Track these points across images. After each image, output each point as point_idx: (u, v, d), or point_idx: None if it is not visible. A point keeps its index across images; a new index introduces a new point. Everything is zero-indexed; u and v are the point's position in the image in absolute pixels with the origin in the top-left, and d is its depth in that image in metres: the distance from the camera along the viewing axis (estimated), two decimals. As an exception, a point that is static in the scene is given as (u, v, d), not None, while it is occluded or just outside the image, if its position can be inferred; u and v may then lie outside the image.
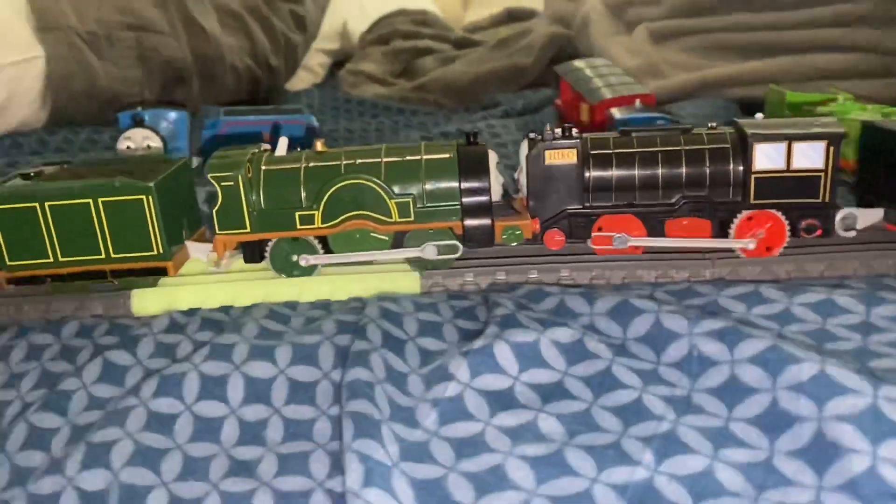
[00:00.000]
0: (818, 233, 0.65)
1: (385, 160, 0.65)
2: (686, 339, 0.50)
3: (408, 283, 0.66)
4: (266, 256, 0.67)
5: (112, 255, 0.66)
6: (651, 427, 0.44)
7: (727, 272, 0.65)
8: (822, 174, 0.63)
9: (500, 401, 0.48)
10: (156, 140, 0.97)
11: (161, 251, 0.66)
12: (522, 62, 1.79)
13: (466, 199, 0.65)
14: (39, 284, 0.68)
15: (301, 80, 2.04)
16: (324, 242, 0.67)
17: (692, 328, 0.50)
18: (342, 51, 2.30)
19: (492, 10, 2.73)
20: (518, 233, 0.66)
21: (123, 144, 0.96)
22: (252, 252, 0.68)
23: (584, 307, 0.56)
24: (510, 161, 1.02)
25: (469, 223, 0.65)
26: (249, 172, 0.65)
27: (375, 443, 0.43)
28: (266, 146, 0.70)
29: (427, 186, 0.65)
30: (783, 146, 0.63)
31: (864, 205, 0.71)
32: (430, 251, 0.65)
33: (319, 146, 0.67)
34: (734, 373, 0.47)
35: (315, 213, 0.65)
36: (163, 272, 0.67)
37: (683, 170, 0.65)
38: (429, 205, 0.65)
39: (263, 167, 0.65)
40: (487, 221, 0.65)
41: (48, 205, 0.64)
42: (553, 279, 0.65)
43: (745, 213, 0.65)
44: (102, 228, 0.64)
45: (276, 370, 0.53)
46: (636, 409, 0.46)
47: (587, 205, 0.66)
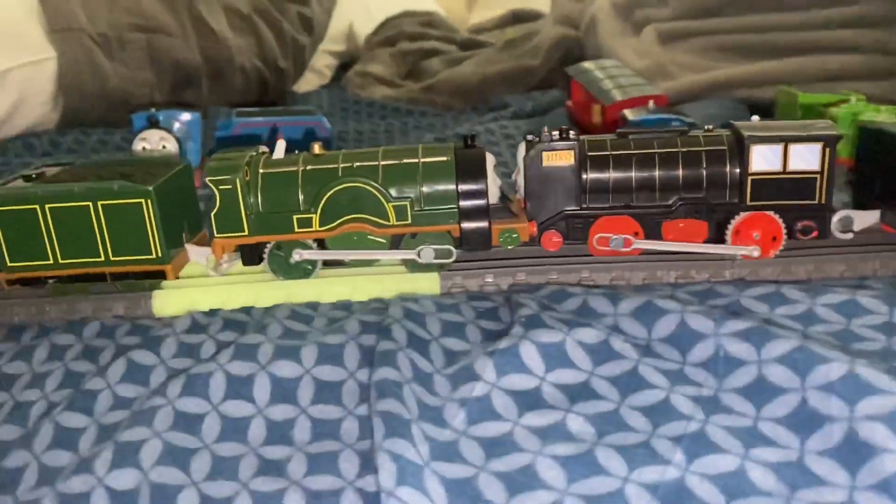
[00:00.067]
0: (814, 234, 0.65)
1: (382, 163, 0.65)
2: (712, 340, 0.50)
3: (428, 284, 0.66)
4: (264, 259, 0.67)
5: (111, 258, 0.66)
6: (680, 427, 0.44)
7: (747, 272, 0.65)
8: (819, 176, 0.63)
9: (528, 401, 0.48)
10: (171, 141, 0.98)
11: (160, 254, 0.66)
12: (530, 63, 1.80)
13: (464, 203, 0.65)
14: (40, 286, 0.68)
15: (308, 82, 2.05)
16: (322, 246, 0.67)
17: (718, 328, 0.50)
18: (348, 52, 2.30)
19: (497, 12, 2.74)
20: (515, 236, 0.66)
21: (139, 145, 0.96)
22: (250, 255, 0.67)
23: (608, 308, 0.57)
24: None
25: (466, 226, 0.65)
26: (247, 176, 0.65)
27: (406, 442, 0.43)
28: (264, 149, 0.70)
29: (424, 189, 0.65)
30: (779, 148, 0.63)
31: (861, 207, 0.71)
32: (427, 255, 0.65)
33: (317, 149, 0.67)
34: (762, 373, 0.47)
35: (313, 217, 0.65)
36: (162, 275, 0.67)
37: (680, 172, 0.65)
38: (426, 208, 0.65)
39: (261, 170, 0.65)
40: (485, 224, 0.65)
41: (48, 207, 0.64)
42: (573, 280, 0.65)
43: (742, 215, 0.65)
44: (102, 231, 0.65)
45: (302, 370, 0.53)
46: (664, 409, 0.46)
47: (584, 206, 0.67)
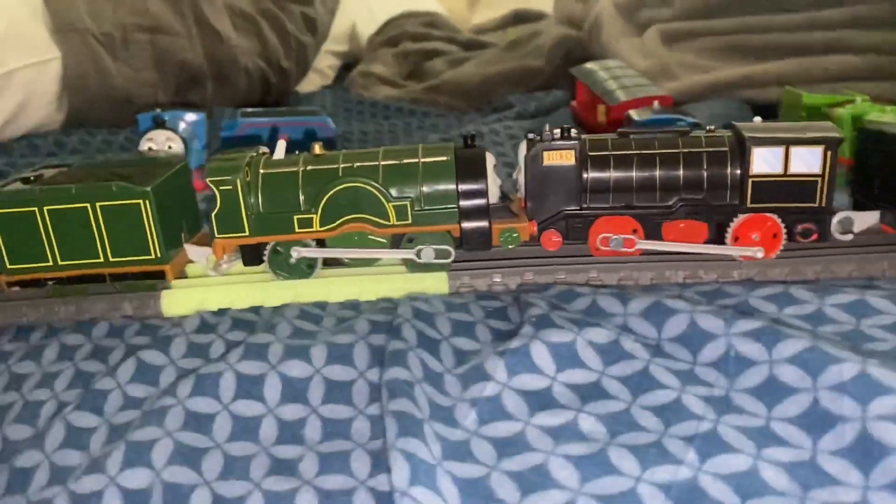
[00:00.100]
0: (814, 237, 0.65)
1: (382, 163, 0.65)
2: (723, 340, 0.50)
3: (436, 284, 0.66)
4: (265, 259, 0.67)
5: (110, 259, 0.66)
6: (692, 426, 0.45)
7: (755, 273, 0.65)
8: (820, 179, 0.63)
9: (539, 401, 0.49)
10: (177, 141, 0.98)
11: (159, 255, 0.66)
12: (533, 64, 1.80)
13: (464, 202, 0.65)
14: (40, 287, 0.68)
15: (310, 82, 2.05)
16: (322, 246, 0.67)
17: (728, 328, 0.50)
18: (351, 53, 2.30)
19: (498, 12, 2.74)
20: (515, 235, 0.66)
21: (145, 146, 0.96)
22: (251, 255, 0.67)
23: (617, 308, 0.57)
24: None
25: (466, 226, 0.65)
26: (248, 176, 0.65)
27: (419, 441, 0.43)
28: (264, 149, 0.70)
29: (424, 189, 0.65)
30: (781, 150, 0.63)
31: (860, 208, 0.71)
32: (427, 255, 0.65)
33: (317, 149, 0.67)
34: (773, 373, 0.47)
35: (313, 217, 0.65)
36: (161, 276, 0.67)
37: (681, 172, 0.65)
38: (426, 208, 0.65)
39: (262, 171, 0.65)
40: (485, 224, 0.65)
41: (47, 209, 0.64)
42: (581, 280, 0.65)
43: (742, 217, 0.64)
44: (101, 232, 0.65)
45: (312, 370, 0.54)
46: (676, 409, 0.46)
47: (584, 206, 0.66)
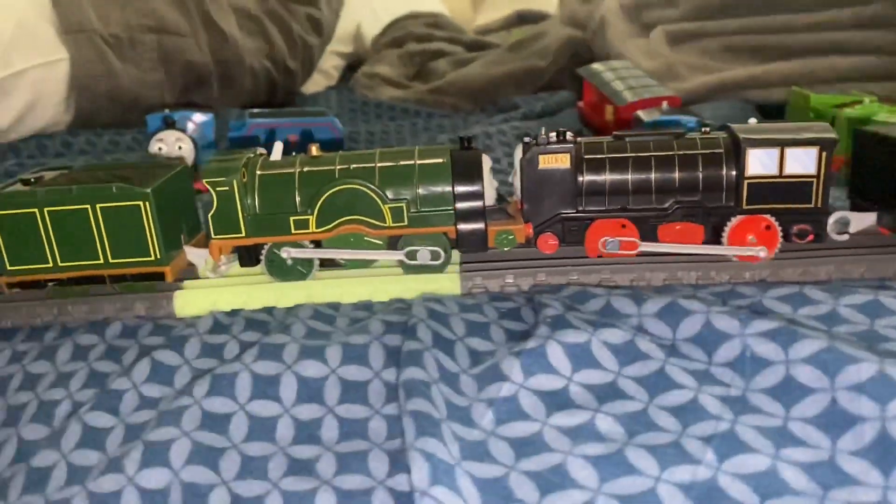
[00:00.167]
0: (810, 238, 0.65)
1: (379, 165, 0.65)
2: (738, 340, 0.50)
3: (448, 284, 0.66)
4: (261, 261, 0.67)
5: (110, 261, 0.66)
6: (709, 427, 0.45)
7: (767, 273, 0.65)
8: (815, 180, 0.63)
9: (556, 401, 0.49)
10: (187, 142, 0.98)
11: (158, 256, 0.66)
12: (538, 65, 1.80)
13: (460, 204, 0.65)
14: (40, 289, 0.68)
15: (315, 83, 2.05)
16: (318, 247, 0.67)
17: (744, 329, 0.50)
18: (355, 53, 2.31)
19: (502, 13, 2.75)
20: (511, 237, 0.66)
21: (155, 146, 0.97)
22: (248, 256, 0.68)
23: (632, 308, 0.57)
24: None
25: (462, 228, 0.65)
26: (244, 177, 0.65)
27: (438, 441, 0.43)
28: (262, 150, 0.70)
29: (420, 191, 0.65)
30: (776, 152, 0.63)
31: (857, 210, 0.71)
32: (423, 256, 0.65)
33: (314, 151, 0.67)
34: (790, 373, 0.47)
35: (309, 218, 0.65)
36: (160, 277, 0.67)
37: (676, 174, 0.65)
38: (422, 209, 0.65)
39: (258, 172, 0.66)
40: (481, 226, 0.65)
41: (47, 210, 0.64)
42: (594, 281, 0.65)
43: (738, 219, 0.64)
44: (101, 234, 0.65)
45: (328, 370, 0.54)
46: (693, 409, 0.46)
47: (580, 209, 0.67)
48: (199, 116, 1.09)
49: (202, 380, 0.53)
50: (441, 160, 0.65)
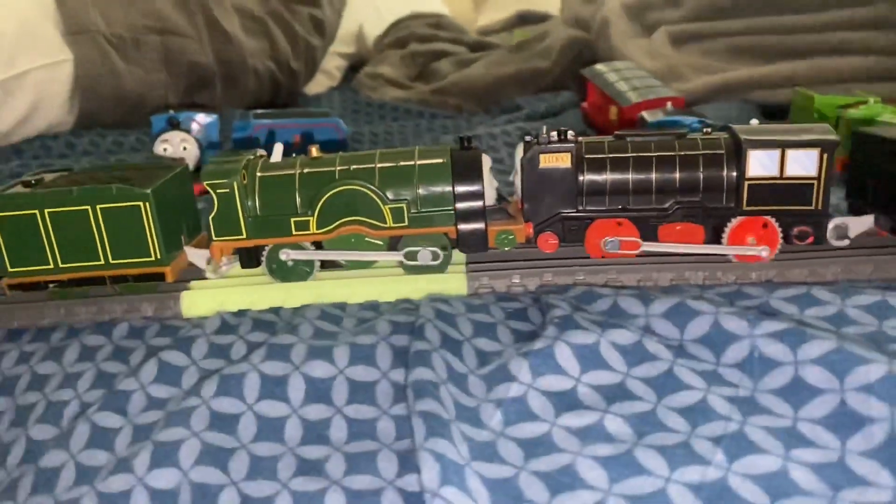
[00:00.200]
0: (810, 240, 0.65)
1: (379, 166, 0.65)
2: (747, 341, 0.50)
3: (455, 285, 0.66)
4: (262, 262, 0.67)
5: (111, 262, 0.66)
6: (719, 427, 0.45)
7: (774, 274, 0.65)
8: (816, 182, 0.63)
9: (564, 401, 0.49)
10: (192, 143, 0.98)
11: (159, 257, 0.66)
12: (541, 65, 1.80)
13: (460, 204, 0.65)
14: (41, 290, 0.68)
15: (318, 84, 2.05)
16: (319, 248, 0.67)
17: (752, 329, 0.50)
18: (358, 54, 2.31)
19: (503, 14, 2.75)
20: (511, 237, 0.66)
21: (160, 147, 0.97)
22: (248, 258, 0.68)
23: (639, 309, 0.57)
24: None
25: (462, 228, 0.65)
26: (245, 179, 0.65)
27: (447, 442, 0.43)
28: (262, 152, 0.70)
29: (421, 191, 0.65)
30: (777, 153, 0.63)
31: (855, 212, 0.71)
32: (424, 257, 0.65)
33: (314, 152, 0.67)
34: (798, 374, 0.47)
35: (310, 219, 0.65)
36: (161, 278, 0.67)
37: (677, 175, 0.65)
38: (423, 210, 0.65)
39: (258, 173, 0.66)
40: (481, 226, 0.65)
41: (47, 212, 0.64)
42: (600, 281, 0.65)
43: (738, 220, 0.64)
44: (101, 235, 0.65)
45: (336, 370, 0.54)
46: (702, 410, 0.46)
47: (581, 208, 0.67)
48: (204, 117, 1.09)
49: (210, 380, 0.53)
50: (441, 160, 0.65)
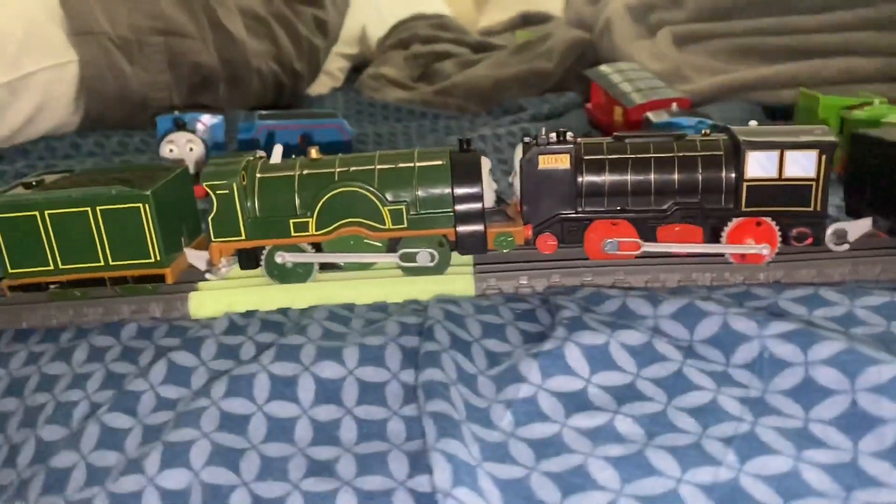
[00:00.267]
0: (809, 241, 0.65)
1: (378, 167, 0.65)
2: (756, 342, 0.50)
3: (462, 286, 0.66)
4: (261, 263, 0.67)
5: (111, 263, 0.66)
6: (730, 428, 0.45)
7: (781, 275, 0.65)
8: (814, 183, 0.63)
9: (574, 402, 0.49)
10: (198, 143, 0.98)
11: (159, 258, 0.66)
12: (544, 66, 1.80)
13: (459, 206, 0.65)
14: (41, 292, 0.68)
15: (321, 85, 2.06)
16: (318, 250, 0.67)
17: (762, 330, 0.51)
18: (360, 55, 2.31)
19: (505, 14, 2.75)
20: (510, 239, 0.66)
21: (166, 148, 0.97)
22: (248, 259, 0.68)
23: (648, 310, 0.57)
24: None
25: (462, 230, 0.65)
26: (244, 180, 0.65)
27: (458, 442, 0.43)
28: (261, 153, 0.70)
29: (420, 193, 0.65)
30: (775, 154, 0.63)
31: (853, 214, 0.71)
32: (424, 258, 0.65)
33: (314, 153, 0.68)
34: (809, 374, 0.47)
35: (309, 221, 0.65)
36: (161, 279, 0.67)
37: (676, 176, 0.65)
38: (422, 212, 0.65)
39: (258, 175, 0.66)
40: (480, 228, 0.65)
41: (48, 213, 0.64)
42: (608, 282, 0.65)
43: (737, 221, 0.64)
44: (101, 236, 0.65)
45: (345, 371, 0.54)
46: (712, 410, 0.46)
47: (580, 210, 0.67)
48: (209, 118, 1.09)
49: (219, 381, 0.53)
50: (440, 162, 0.65)
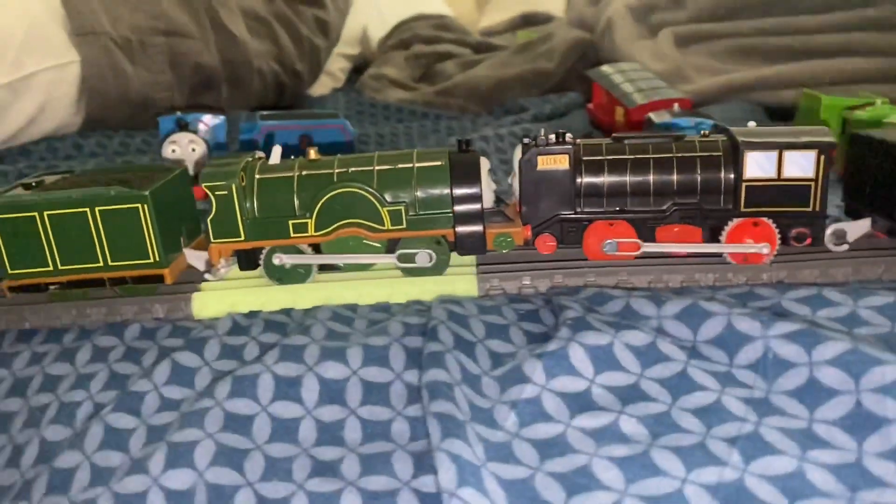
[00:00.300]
0: (808, 241, 0.65)
1: (377, 168, 0.65)
2: (760, 342, 0.50)
3: (465, 286, 0.66)
4: (260, 264, 0.67)
5: (110, 263, 0.66)
6: (734, 428, 0.45)
7: (784, 275, 0.65)
8: (813, 183, 0.63)
9: (579, 402, 0.49)
10: (200, 144, 0.98)
11: (157, 259, 0.66)
12: (545, 67, 1.80)
13: (458, 207, 0.65)
14: (41, 292, 0.68)
15: (322, 85, 2.05)
16: (317, 251, 0.67)
17: (766, 331, 0.51)
18: (361, 55, 2.31)
19: (506, 15, 2.75)
20: (509, 240, 0.66)
21: (169, 149, 0.97)
22: (247, 260, 0.68)
23: (651, 310, 0.57)
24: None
25: (461, 230, 0.65)
26: (243, 181, 0.65)
27: (463, 443, 0.43)
28: (260, 154, 0.70)
29: (419, 194, 0.65)
30: (774, 155, 0.63)
31: (852, 214, 0.71)
32: (423, 259, 0.65)
33: (313, 154, 0.68)
34: (813, 375, 0.47)
35: (308, 222, 0.65)
36: (159, 280, 0.67)
37: (674, 177, 0.65)
38: (421, 212, 0.65)
39: (257, 176, 0.66)
40: (479, 229, 0.65)
41: (47, 214, 0.64)
42: (611, 283, 0.65)
43: (736, 221, 0.64)
44: (100, 237, 0.65)
45: (349, 371, 0.54)
46: (716, 411, 0.46)
47: (579, 210, 0.67)
48: (211, 118, 1.09)
49: (223, 381, 0.53)
50: (439, 163, 0.65)
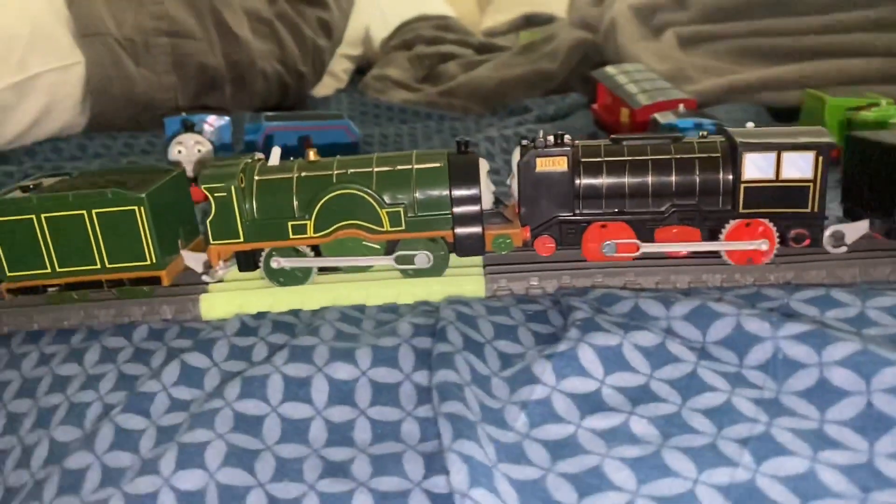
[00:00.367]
0: (806, 242, 0.65)
1: (376, 169, 0.65)
2: (770, 343, 0.50)
3: (472, 287, 0.66)
4: (260, 265, 0.67)
5: (107, 265, 0.66)
6: (745, 429, 0.45)
7: (791, 276, 0.65)
8: (811, 184, 0.63)
9: (589, 403, 0.49)
10: (206, 145, 0.98)
11: (154, 261, 0.66)
12: (548, 67, 1.80)
13: (457, 209, 0.65)
14: (40, 295, 0.68)
15: (325, 86, 2.06)
16: (317, 252, 0.67)
17: (775, 331, 0.51)
18: (364, 56, 2.31)
19: (509, 15, 2.75)
20: (508, 241, 0.66)
21: (175, 149, 0.97)
22: (246, 261, 0.68)
23: (660, 311, 0.57)
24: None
25: (460, 232, 0.65)
26: (242, 182, 0.65)
27: (474, 443, 0.44)
28: (260, 156, 0.70)
29: (418, 195, 0.65)
30: (773, 156, 0.63)
31: (851, 216, 0.71)
32: (422, 260, 0.65)
33: (312, 155, 0.68)
34: (824, 375, 0.47)
35: (307, 223, 0.65)
36: (157, 281, 0.67)
37: (673, 178, 0.65)
38: (420, 214, 0.65)
39: (256, 177, 0.66)
40: (478, 230, 0.65)
41: (44, 216, 0.64)
42: (618, 283, 0.65)
43: (734, 223, 0.64)
44: (97, 239, 0.65)
45: (359, 372, 0.54)
46: (727, 412, 0.46)
47: (577, 212, 0.67)
48: (216, 119, 1.09)
49: (233, 382, 0.53)
50: (438, 164, 0.65)
